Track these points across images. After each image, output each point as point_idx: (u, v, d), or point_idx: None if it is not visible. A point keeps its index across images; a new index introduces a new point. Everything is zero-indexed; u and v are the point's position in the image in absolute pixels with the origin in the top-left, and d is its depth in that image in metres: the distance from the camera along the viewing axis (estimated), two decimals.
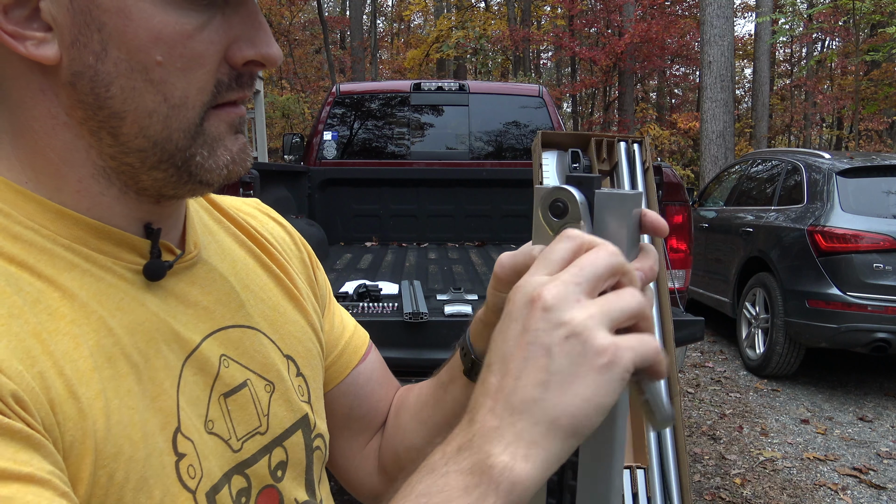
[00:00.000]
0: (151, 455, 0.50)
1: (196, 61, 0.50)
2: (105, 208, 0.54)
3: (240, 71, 0.53)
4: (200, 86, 0.51)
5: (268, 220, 0.77)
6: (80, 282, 0.51)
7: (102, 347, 0.50)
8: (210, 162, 0.53)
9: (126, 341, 0.51)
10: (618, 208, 0.50)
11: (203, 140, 0.53)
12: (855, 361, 5.80)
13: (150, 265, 0.55)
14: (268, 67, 0.54)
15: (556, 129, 4.87)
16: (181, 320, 0.57)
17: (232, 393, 0.59)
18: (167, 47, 0.49)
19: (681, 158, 19.79)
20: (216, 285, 0.62)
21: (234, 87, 0.53)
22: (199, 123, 0.52)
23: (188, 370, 0.56)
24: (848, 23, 13.44)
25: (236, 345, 0.61)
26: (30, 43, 0.48)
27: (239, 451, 0.58)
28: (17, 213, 0.50)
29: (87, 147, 0.52)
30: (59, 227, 0.52)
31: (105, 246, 0.53)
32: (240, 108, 0.55)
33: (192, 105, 0.51)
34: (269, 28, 0.54)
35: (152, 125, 0.51)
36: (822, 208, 4.96)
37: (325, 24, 17.43)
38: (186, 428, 0.53)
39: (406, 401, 0.79)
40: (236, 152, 0.55)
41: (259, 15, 0.53)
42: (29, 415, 0.43)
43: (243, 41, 0.52)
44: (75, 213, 0.52)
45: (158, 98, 0.50)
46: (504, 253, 0.55)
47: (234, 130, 0.55)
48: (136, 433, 0.49)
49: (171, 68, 0.49)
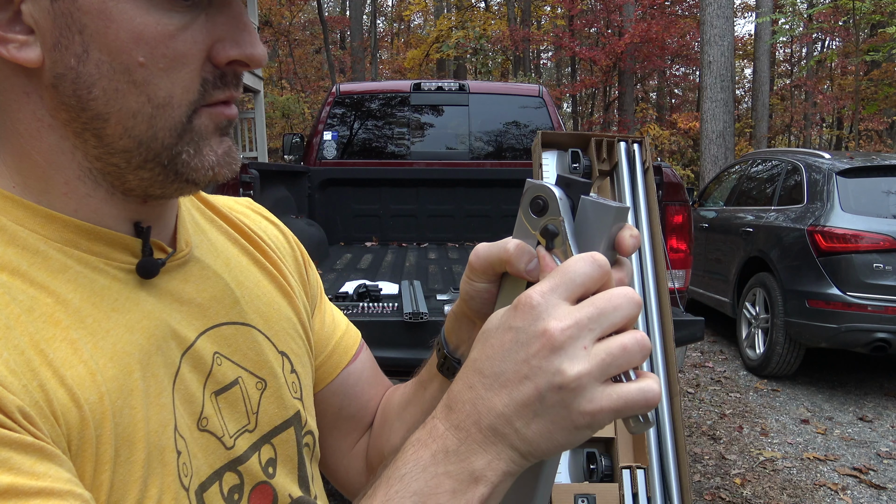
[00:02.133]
0: (152, 454, 0.50)
1: (179, 61, 0.50)
2: (93, 210, 0.54)
3: (223, 70, 0.53)
4: (185, 85, 0.51)
5: (260, 218, 0.77)
6: (74, 285, 0.51)
7: (101, 350, 0.50)
8: (196, 161, 0.53)
9: (125, 341, 0.51)
10: (599, 218, 0.49)
11: (190, 137, 0.52)
12: (855, 361, 5.80)
13: (143, 263, 0.55)
14: (252, 68, 0.54)
15: (556, 129, 4.87)
16: (176, 318, 0.57)
17: (223, 391, 0.59)
18: (149, 48, 0.49)
19: (681, 158, 19.79)
20: (210, 282, 0.62)
21: (219, 86, 0.53)
22: (188, 121, 0.52)
23: (185, 367, 0.56)
24: (848, 23, 13.44)
25: (229, 342, 0.61)
26: (12, 46, 0.48)
27: (232, 448, 0.59)
28: (6, 218, 0.50)
29: (73, 148, 0.52)
30: (50, 230, 0.51)
31: (96, 247, 0.53)
32: (230, 108, 0.55)
33: (178, 104, 0.51)
34: (254, 29, 0.54)
35: (137, 125, 0.51)
36: (822, 208, 4.96)
37: (325, 24, 17.43)
38: (181, 426, 0.54)
39: (391, 400, 0.79)
40: (221, 154, 0.54)
41: (244, 16, 0.53)
42: (36, 429, 0.43)
43: (227, 41, 0.52)
44: (64, 215, 0.52)
45: (142, 99, 0.50)
46: (481, 243, 0.55)
47: (221, 132, 0.55)
48: (138, 434, 0.49)
49: (153, 69, 0.49)
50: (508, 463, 0.45)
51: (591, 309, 0.44)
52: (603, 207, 0.49)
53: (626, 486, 2.34)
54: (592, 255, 0.46)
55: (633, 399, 0.44)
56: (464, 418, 0.46)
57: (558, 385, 0.43)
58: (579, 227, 0.50)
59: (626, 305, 0.45)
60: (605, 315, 0.44)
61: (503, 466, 0.45)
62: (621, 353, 0.44)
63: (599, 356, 0.43)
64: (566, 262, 0.46)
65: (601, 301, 0.45)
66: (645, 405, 0.44)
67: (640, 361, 0.45)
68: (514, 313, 0.45)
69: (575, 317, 0.44)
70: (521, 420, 0.44)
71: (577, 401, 0.43)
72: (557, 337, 0.43)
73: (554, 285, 0.45)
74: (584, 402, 0.43)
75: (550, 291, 0.45)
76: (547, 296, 0.45)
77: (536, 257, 0.51)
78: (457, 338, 0.64)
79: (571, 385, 0.43)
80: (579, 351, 0.43)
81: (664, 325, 2.55)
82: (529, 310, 0.45)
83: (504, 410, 0.44)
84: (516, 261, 0.51)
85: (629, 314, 0.45)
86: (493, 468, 0.45)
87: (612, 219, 0.49)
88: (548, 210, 0.50)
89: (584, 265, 0.46)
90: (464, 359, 0.64)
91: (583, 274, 0.45)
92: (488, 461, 0.45)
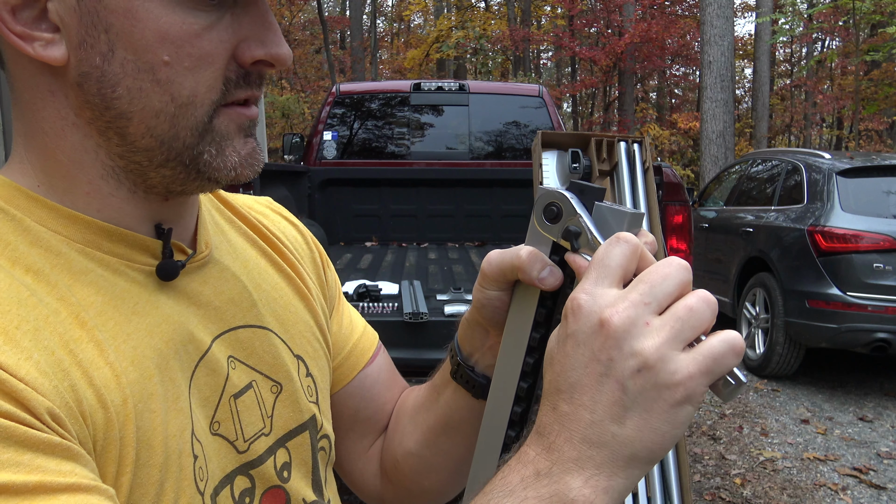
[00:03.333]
0: (170, 458, 0.50)
1: (204, 60, 0.50)
2: (115, 209, 0.54)
3: (248, 70, 0.53)
4: (209, 84, 0.51)
5: (280, 219, 0.76)
6: (95, 287, 0.51)
7: (123, 353, 0.50)
8: (218, 160, 0.53)
9: (145, 345, 0.51)
10: (615, 224, 0.48)
11: (211, 138, 0.52)
12: (855, 361, 5.80)
13: (162, 265, 0.55)
14: (277, 67, 0.54)
15: (556, 129, 4.87)
16: (193, 321, 0.56)
17: (240, 394, 0.59)
18: (174, 47, 0.49)
19: (681, 158, 19.80)
20: (228, 285, 0.61)
21: (241, 85, 0.53)
22: (208, 121, 0.52)
23: (201, 371, 0.56)
24: (848, 23, 13.44)
25: (245, 345, 0.61)
26: (38, 44, 0.48)
27: (245, 451, 0.58)
28: (30, 219, 0.51)
29: (96, 147, 0.52)
30: (72, 231, 0.52)
31: (117, 248, 0.53)
32: (251, 109, 0.55)
33: (201, 103, 0.51)
34: (279, 28, 0.53)
35: (159, 125, 0.51)
36: (822, 208, 4.96)
37: (325, 24, 17.42)
38: (197, 430, 0.54)
39: (405, 403, 0.79)
40: (245, 155, 0.54)
41: (269, 15, 0.53)
42: (65, 430, 0.43)
43: (253, 41, 0.52)
44: (86, 216, 0.52)
45: (166, 98, 0.50)
46: (493, 250, 0.55)
47: (245, 133, 0.54)
48: (157, 438, 0.49)
49: (178, 68, 0.49)
50: (611, 477, 0.41)
51: (640, 286, 0.43)
52: (618, 213, 0.49)
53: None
54: (617, 236, 0.45)
55: (719, 352, 0.41)
56: (554, 438, 0.43)
57: (636, 368, 0.41)
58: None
59: (676, 272, 0.43)
60: (657, 286, 0.42)
61: (603, 483, 0.41)
62: (689, 315, 0.41)
63: (668, 324, 0.41)
64: (596, 253, 0.45)
65: (648, 275, 0.43)
66: (733, 354, 0.41)
67: (712, 318, 0.42)
68: (566, 322, 0.44)
69: (627, 298, 0.42)
70: (613, 421, 0.41)
71: (661, 377, 0.40)
72: (616, 322, 0.41)
73: (594, 278, 0.44)
74: (670, 375, 0.40)
75: (593, 285, 0.44)
76: (590, 290, 0.43)
77: (548, 265, 0.50)
78: (470, 345, 0.64)
79: (650, 362, 0.40)
80: (643, 329, 0.41)
81: None
82: (579, 310, 0.43)
83: (593, 417, 0.42)
84: (529, 268, 0.51)
85: (682, 279, 0.43)
86: (591, 485, 0.41)
87: (626, 225, 0.48)
88: (563, 215, 0.49)
89: (614, 248, 0.44)
90: (477, 366, 0.64)
91: (617, 255, 0.44)
92: (585, 479, 0.41)
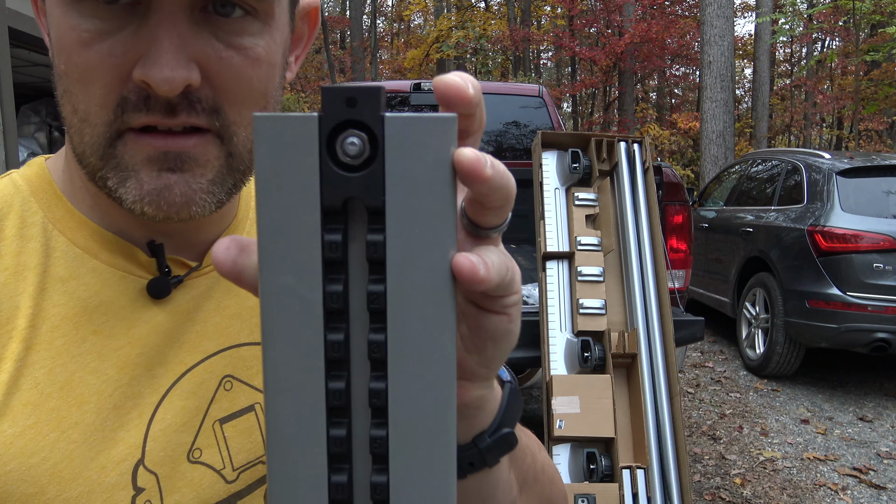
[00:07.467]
0: (93, 492, 0.47)
1: (91, 73, 0.44)
2: (115, 219, 0.53)
3: (149, 92, 0.44)
4: (99, 101, 0.45)
5: None
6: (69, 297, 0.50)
7: (56, 376, 0.48)
8: (122, 191, 0.47)
9: (90, 369, 0.49)
10: (423, 140, 0.28)
11: (114, 164, 0.47)
12: (855, 361, 5.80)
13: (153, 283, 0.53)
14: (154, 91, 0.44)
15: (556, 129, 4.87)
16: (181, 339, 0.54)
17: (231, 418, 0.55)
18: (66, 55, 0.45)
19: (681, 158, 19.79)
20: (235, 299, 0.58)
21: (140, 109, 0.45)
22: (108, 145, 0.46)
23: (176, 395, 0.52)
24: (848, 23, 13.44)
25: (248, 364, 0.57)
26: (47, 40, 0.49)
27: (233, 481, 0.54)
28: (47, 216, 0.51)
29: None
30: (77, 235, 0.51)
31: (115, 259, 0.52)
32: (159, 139, 0.46)
33: (95, 122, 0.46)
34: (172, 47, 0.44)
35: (73, 136, 0.48)
36: (822, 208, 4.96)
37: (325, 24, 17.41)
38: (151, 461, 0.50)
39: None
40: (149, 191, 0.46)
41: (165, 29, 0.44)
42: None
43: (142, 58, 0.44)
44: (92, 222, 0.52)
45: (70, 108, 0.47)
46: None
47: (158, 167, 0.46)
48: (69, 470, 0.46)
49: (71, 78, 0.45)
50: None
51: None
52: (423, 121, 0.28)
53: (626, 486, 2.34)
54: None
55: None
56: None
57: None
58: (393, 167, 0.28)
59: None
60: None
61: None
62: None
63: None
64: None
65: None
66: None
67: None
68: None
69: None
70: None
71: None
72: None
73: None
74: None
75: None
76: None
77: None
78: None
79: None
80: None
81: (664, 325, 2.55)
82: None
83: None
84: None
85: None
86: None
87: (442, 134, 0.28)
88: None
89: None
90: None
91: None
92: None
